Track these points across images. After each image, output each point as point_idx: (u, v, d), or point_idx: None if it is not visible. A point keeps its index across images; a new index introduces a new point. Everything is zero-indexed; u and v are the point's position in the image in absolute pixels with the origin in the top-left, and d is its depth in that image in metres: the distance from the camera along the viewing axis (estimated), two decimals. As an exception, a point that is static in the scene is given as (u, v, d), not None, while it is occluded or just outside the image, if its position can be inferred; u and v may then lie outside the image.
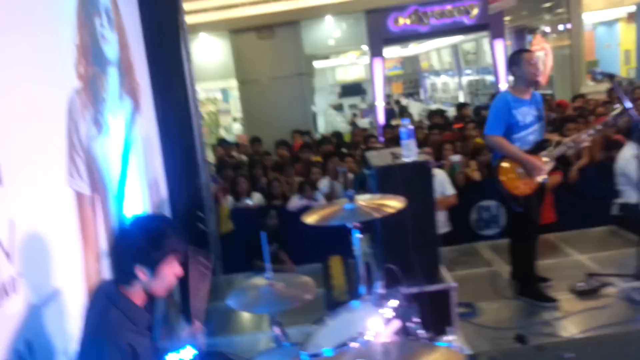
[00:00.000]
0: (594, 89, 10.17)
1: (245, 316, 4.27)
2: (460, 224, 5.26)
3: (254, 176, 6.22)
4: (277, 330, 2.37)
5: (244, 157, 7.80)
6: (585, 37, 11.81)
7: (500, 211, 5.31)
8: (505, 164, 3.66)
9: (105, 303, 1.79)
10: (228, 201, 5.72)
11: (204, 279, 2.17)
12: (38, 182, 2.10)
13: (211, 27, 9.46)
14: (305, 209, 5.34)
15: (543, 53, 11.87)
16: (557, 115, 6.75)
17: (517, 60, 3.70)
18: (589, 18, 11.89)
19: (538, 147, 3.71)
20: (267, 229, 5.22)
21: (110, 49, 2.93)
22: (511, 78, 3.96)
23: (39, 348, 1.98)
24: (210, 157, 7.82)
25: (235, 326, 4.17)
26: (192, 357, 2.73)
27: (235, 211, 5.59)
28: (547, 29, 12.26)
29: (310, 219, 2.26)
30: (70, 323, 2.20)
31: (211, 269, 4.94)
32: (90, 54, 2.65)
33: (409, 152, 2.91)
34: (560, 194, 5.01)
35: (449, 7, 9.56)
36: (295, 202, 5.51)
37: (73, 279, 2.26)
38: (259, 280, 2.46)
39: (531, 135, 3.71)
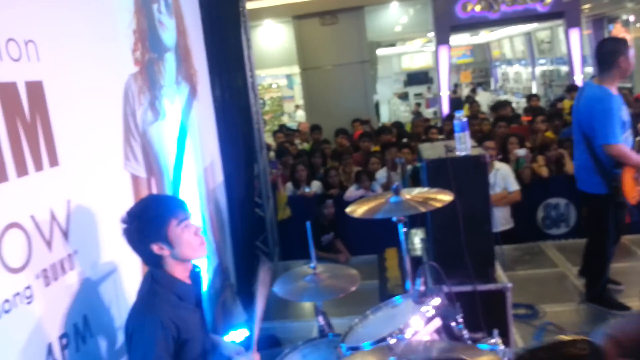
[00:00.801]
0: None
1: (301, 303, 4.31)
2: (525, 221, 5.02)
3: (312, 164, 6.23)
4: (321, 320, 2.36)
5: (304, 145, 7.85)
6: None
7: (570, 210, 5.03)
8: (627, 172, 3.31)
9: (150, 282, 1.85)
10: (287, 188, 5.77)
11: (268, 272, 2.19)
12: (94, 163, 2.19)
13: (275, 13, 9.53)
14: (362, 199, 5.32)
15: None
16: (635, 110, 6.26)
17: (615, 50, 3.29)
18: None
19: (637, 147, 3.40)
20: (324, 218, 5.26)
21: (168, 35, 3.00)
22: (589, 70, 3.60)
23: (94, 322, 2.09)
24: (272, 143, 7.93)
25: (290, 312, 4.22)
26: (244, 338, 2.78)
27: (293, 198, 5.64)
28: (631, 18, 11.38)
29: (355, 212, 2.22)
30: (125, 299, 2.30)
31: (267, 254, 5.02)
32: (148, 40, 2.73)
33: (463, 146, 2.79)
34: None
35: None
36: (352, 192, 5.47)
37: (128, 258, 2.35)
38: (305, 270, 2.46)
39: (630, 135, 3.39)
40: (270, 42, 10.21)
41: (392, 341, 1.72)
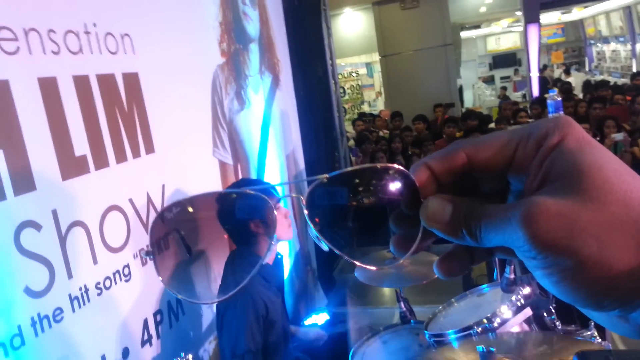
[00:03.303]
0: None
1: (381, 289, 4.31)
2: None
3: (392, 151, 6.16)
4: (402, 306, 2.34)
5: (384, 132, 7.77)
6: None
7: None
8: None
9: (238, 262, 1.92)
10: (366, 175, 5.75)
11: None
12: (186, 151, 2.31)
13: (355, 0, 9.45)
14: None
15: None
16: None
17: None
18: None
19: None
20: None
21: (252, 26, 3.08)
22: None
23: (186, 301, 2.21)
24: (351, 131, 7.93)
25: (370, 298, 4.23)
26: (324, 322, 2.83)
27: (372, 186, 5.61)
28: None
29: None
30: (214, 279, 2.41)
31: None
32: (233, 31, 2.81)
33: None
34: None
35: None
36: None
37: (216, 240, 2.46)
38: (386, 255, 2.45)
39: None
40: (350, 31, 10.15)
41: (478, 330, 1.67)
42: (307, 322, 2.98)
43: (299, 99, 3.83)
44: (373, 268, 1.92)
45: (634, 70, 12.69)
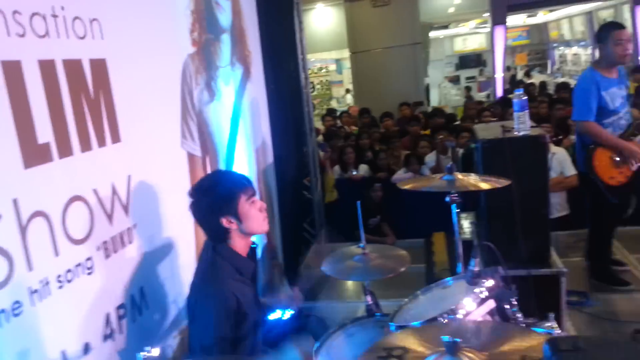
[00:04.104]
0: None
1: (347, 284, 4.35)
2: (581, 207, 4.82)
3: (360, 147, 6.21)
4: (369, 299, 2.36)
5: (353, 128, 7.81)
6: None
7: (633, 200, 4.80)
8: (600, 152, 3.38)
9: (212, 254, 1.91)
10: (334, 171, 5.79)
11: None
12: (154, 141, 2.27)
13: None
14: (414, 179, 5.26)
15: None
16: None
17: (604, 36, 3.40)
18: None
19: (631, 132, 3.43)
20: (371, 201, 5.25)
21: (224, 16, 3.04)
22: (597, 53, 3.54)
23: (150, 295, 2.18)
24: (320, 126, 7.94)
25: (336, 292, 4.26)
26: (289, 317, 2.84)
27: (340, 181, 5.65)
28: None
29: (406, 185, 2.21)
30: (180, 273, 2.39)
31: (314, 236, 5.07)
32: (205, 20, 2.78)
33: (522, 125, 2.70)
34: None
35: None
36: (400, 175, 5.42)
37: (184, 233, 2.44)
38: (354, 249, 2.47)
39: (622, 119, 3.42)
40: (321, 26, 10.16)
41: (444, 321, 1.70)
42: (272, 316, 2.98)
43: (269, 92, 3.81)
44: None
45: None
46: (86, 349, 1.77)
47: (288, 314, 2.94)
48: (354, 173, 5.70)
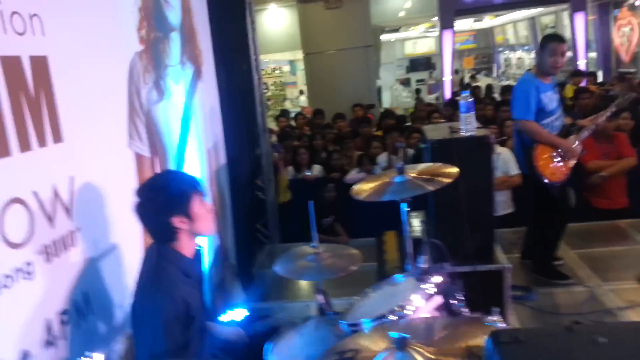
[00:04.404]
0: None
1: (300, 284, 4.35)
2: (525, 205, 5.02)
3: (314, 148, 6.24)
4: (321, 298, 2.38)
5: (306, 129, 7.84)
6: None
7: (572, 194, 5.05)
8: (540, 150, 3.55)
9: (156, 258, 1.85)
10: (288, 171, 5.79)
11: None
12: (98, 141, 2.20)
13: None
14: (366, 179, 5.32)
15: (629, 28, 10.99)
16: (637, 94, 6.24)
17: (543, 45, 3.63)
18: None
19: (566, 132, 3.65)
20: (325, 201, 5.28)
21: (173, 14, 2.98)
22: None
23: (95, 300, 2.11)
24: (274, 127, 7.93)
25: (289, 293, 4.26)
26: (242, 318, 2.81)
27: (294, 182, 5.66)
28: (637, 2, 11.28)
29: (360, 193, 2.23)
30: (126, 277, 2.32)
31: (268, 237, 5.06)
32: (153, 18, 2.71)
33: (468, 126, 2.79)
34: (634, 179, 4.65)
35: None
36: (353, 175, 5.48)
37: (130, 237, 2.37)
38: (306, 249, 2.48)
39: (557, 120, 3.64)
40: (274, 27, 10.14)
41: (393, 318, 1.74)
42: (224, 317, 2.94)
43: (222, 92, 3.76)
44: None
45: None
46: (25, 356, 1.70)
47: (241, 314, 2.92)
48: (308, 173, 5.72)
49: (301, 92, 13.59)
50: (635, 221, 4.61)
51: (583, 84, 7.93)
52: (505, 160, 4.68)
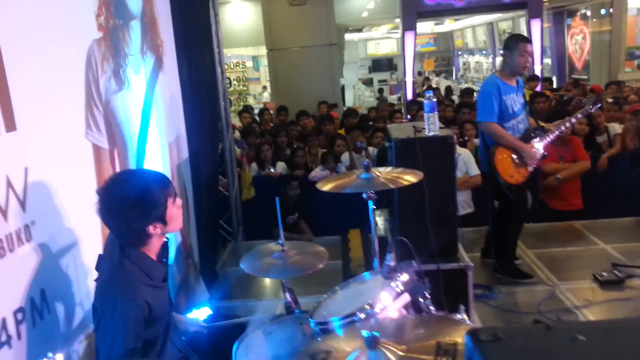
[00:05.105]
0: (633, 77, 9.79)
1: (264, 282, 4.30)
2: (485, 205, 5.13)
3: (278, 145, 6.19)
4: (288, 296, 2.34)
5: (270, 125, 7.77)
6: (627, 23, 11.32)
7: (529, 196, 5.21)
8: (500, 152, 3.63)
9: (119, 256, 1.77)
10: (251, 168, 5.72)
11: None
12: (54, 131, 2.08)
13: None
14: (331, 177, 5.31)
15: (581, 37, 11.44)
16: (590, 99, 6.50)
17: (512, 46, 3.67)
18: (633, 2, 11.37)
19: (529, 135, 3.71)
20: (289, 199, 5.24)
21: (134, 2, 2.87)
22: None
23: (53, 298, 2.00)
24: (237, 123, 7.82)
25: (253, 291, 4.20)
26: (206, 317, 2.75)
27: (257, 179, 5.60)
28: (588, 12, 11.77)
29: (325, 186, 2.22)
30: (86, 274, 2.21)
31: (231, 234, 4.97)
32: (112, 5, 2.60)
33: (431, 126, 2.82)
34: (588, 182, 4.83)
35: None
36: (317, 172, 5.47)
37: (89, 231, 2.27)
38: (272, 247, 2.44)
39: (521, 123, 3.72)
40: (238, 21, 10.00)
41: (362, 316, 1.72)
42: (188, 316, 2.88)
43: (184, 85, 3.66)
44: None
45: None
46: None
47: (205, 313, 2.85)
48: (272, 170, 5.67)
49: (264, 88, 13.48)
50: (589, 222, 4.79)
51: (538, 88, 8.19)
52: (465, 161, 4.78)
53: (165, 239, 1.90)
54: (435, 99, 2.90)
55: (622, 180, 4.93)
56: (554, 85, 10.19)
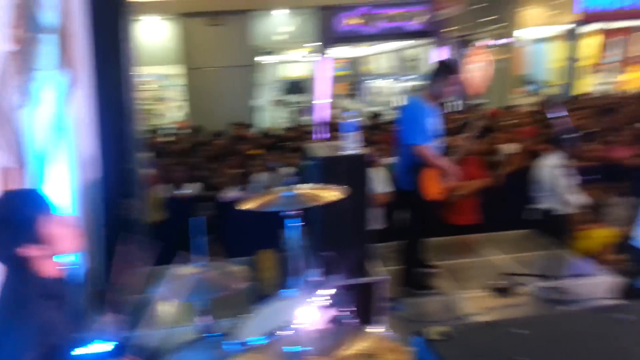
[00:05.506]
0: (524, 101, 10.77)
1: (172, 308, 4.15)
2: (394, 220, 5.37)
3: (192, 165, 6.08)
4: (204, 320, 2.32)
5: (183, 145, 7.61)
6: (520, 52, 12.50)
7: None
8: (428, 171, 3.85)
9: (13, 278, 1.68)
10: (162, 189, 5.56)
11: (132, 269, 2.09)
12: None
13: (162, 8, 9.14)
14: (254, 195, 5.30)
15: (482, 64, 12.43)
16: (487, 123, 7.11)
17: (442, 74, 3.89)
18: (526, 34, 12.56)
19: (445, 155, 4.03)
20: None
21: (50, 16, 2.75)
22: (426, 83, 4.05)
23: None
24: (148, 142, 7.57)
25: (162, 318, 4.04)
26: (111, 349, 2.63)
27: (169, 200, 5.44)
28: (488, 42, 12.84)
29: (247, 205, 2.24)
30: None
31: (146, 258, 4.78)
32: (28, 18, 2.48)
33: (351, 145, 2.95)
34: (485, 198, 5.24)
35: (396, 11, 9.77)
36: (232, 194, 5.44)
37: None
38: (189, 269, 2.41)
39: (441, 143, 3.99)
40: (153, 39, 9.73)
41: (283, 333, 1.75)
42: (90, 349, 2.74)
43: (96, 103, 3.52)
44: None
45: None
46: None
47: (108, 346, 2.73)
48: (184, 191, 5.55)
49: (177, 108, 13.15)
50: (486, 235, 5.19)
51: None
52: (378, 179, 4.99)
53: (64, 264, 1.82)
54: (356, 119, 3.04)
55: (515, 195, 5.39)
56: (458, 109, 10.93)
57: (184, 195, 5.48)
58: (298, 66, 16.73)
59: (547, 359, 0.81)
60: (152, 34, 9.78)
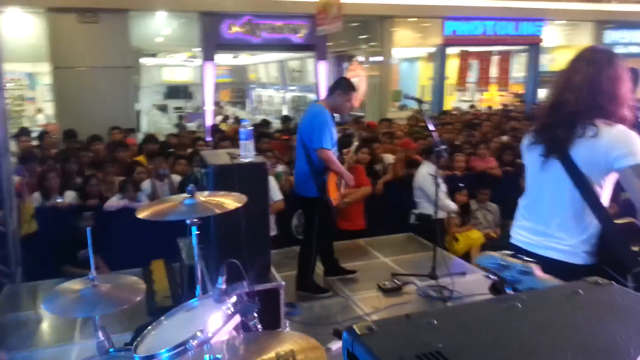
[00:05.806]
0: (397, 115, 11.58)
1: (53, 326, 3.81)
2: (284, 228, 5.46)
3: (66, 172, 5.61)
4: (101, 335, 2.18)
5: (53, 151, 6.99)
6: (393, 70, 13.44)
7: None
8: (331, 177, 4.02)
9: None
10: (33, 199, 5.06)
11: None
12: None
13: (27, 1, 8.33)
14: (126, 210, 5.02)
15: (358, 79, 13.10)
16: (367, 134, 7.57)
17: (344, 90, 4.08)
18: (396, 54, 13.55)
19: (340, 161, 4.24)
20: (81, 231, 4.75)
21: None
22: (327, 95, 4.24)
23: None
24: (13, 147, 6.84)
25: (40, 338, 3.68)
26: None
27: (42, 210, 4.98)
28: (362, 58, 13.60)
29: (144, 213, 2.16)
30: None
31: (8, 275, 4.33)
32: None
33: (247, 153, 2.96)
34: (369, 204, 5.55)
35: (280, 23, 9.96)
36: (114, 202, 5.13)
37: None
38: (79, 283, 2.25)
39: (337, 152, 4.17)
40: (15, 34, 8.80)
41: (193, 343, 1.72)
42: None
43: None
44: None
45: (284, 113, 15.09)
46: None
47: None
48: (59, 200, 5.11)
49: (39, 111, 12.05)
50: (371, 239, 5.49)
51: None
52: (270, 187, 5.03)
53: None
54: (251, 127, 3.05)
55: (394, 202, 5.78)
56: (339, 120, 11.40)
57: (59, 204, 5.05)
58: (182, 71, 16.27)
59: (463, 345, 0.92)
60: (16, 28, 8.87)
